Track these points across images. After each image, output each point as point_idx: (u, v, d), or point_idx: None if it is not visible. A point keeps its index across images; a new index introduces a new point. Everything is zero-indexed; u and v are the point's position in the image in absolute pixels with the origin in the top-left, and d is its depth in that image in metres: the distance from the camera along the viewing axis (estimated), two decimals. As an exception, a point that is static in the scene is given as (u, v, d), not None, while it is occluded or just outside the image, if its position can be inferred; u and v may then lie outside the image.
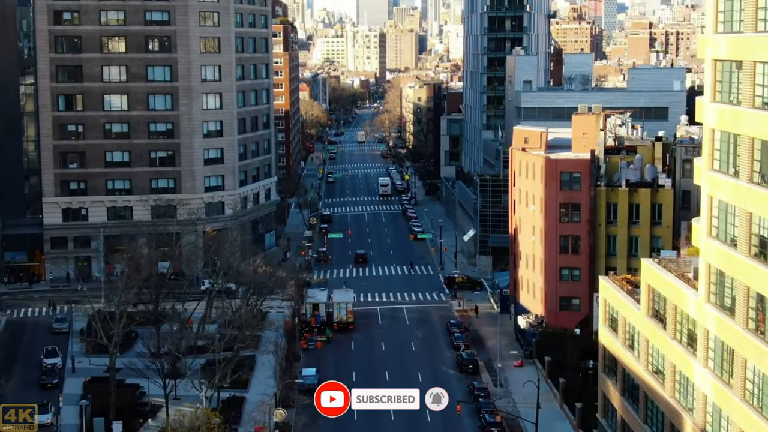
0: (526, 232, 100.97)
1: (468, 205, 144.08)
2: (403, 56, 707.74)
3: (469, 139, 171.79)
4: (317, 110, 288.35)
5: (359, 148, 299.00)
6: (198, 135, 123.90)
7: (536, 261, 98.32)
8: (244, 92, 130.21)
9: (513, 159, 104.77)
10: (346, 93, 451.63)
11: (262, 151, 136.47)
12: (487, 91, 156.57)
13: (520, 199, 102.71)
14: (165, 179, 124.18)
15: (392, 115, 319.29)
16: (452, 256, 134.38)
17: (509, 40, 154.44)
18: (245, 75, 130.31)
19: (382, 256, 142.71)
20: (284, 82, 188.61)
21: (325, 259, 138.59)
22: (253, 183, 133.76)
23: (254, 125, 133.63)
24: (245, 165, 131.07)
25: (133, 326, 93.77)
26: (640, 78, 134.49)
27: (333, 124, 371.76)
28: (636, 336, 62.21)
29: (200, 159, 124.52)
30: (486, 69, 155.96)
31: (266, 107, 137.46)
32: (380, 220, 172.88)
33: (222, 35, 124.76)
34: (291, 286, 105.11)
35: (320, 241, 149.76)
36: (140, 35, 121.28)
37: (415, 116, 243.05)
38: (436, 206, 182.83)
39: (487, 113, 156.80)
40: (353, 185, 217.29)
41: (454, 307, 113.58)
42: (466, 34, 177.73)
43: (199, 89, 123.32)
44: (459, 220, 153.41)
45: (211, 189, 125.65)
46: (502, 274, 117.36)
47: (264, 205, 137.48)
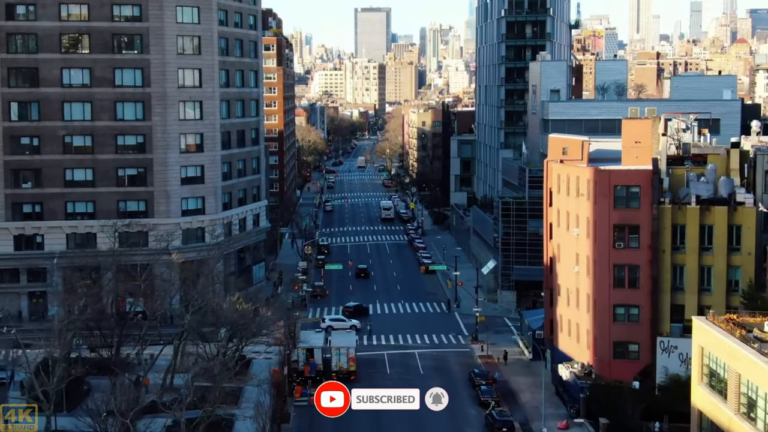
0: (566, 262, 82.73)
1: (486, 234, 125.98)
2: (402, 89, 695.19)
3: (483, 161, 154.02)
4: (314, 136, 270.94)
5: (359, 177, 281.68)
6: (174, 149, 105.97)
7: (581, 297, 80.00)
8: (228, 102, 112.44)
9: (549, 173, 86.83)
10: (345, 123, 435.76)
11: (250, 170, 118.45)
12: (505, 105, 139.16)
13: (558, 221, 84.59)
14: (135, 201, 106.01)
15: (393, 144, 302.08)
16: (471, 290, 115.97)
17: (529, 48, 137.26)
18: (230, 82, 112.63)
19: (388, 290, 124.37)
20: (278, 100, 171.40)
21: (322, 294, 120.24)
22: (240, 207, 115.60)
23: (241, 140, 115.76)
24: (230, 186, 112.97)
25: (90, 376, 76.95)
26: (685, 87, 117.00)
27: (331, 153, 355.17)
28: (763, 402, 43.76)
29: (176, 178, 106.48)
30: (504, 80, 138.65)
31: (255, 120, 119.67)
32: (384, 251, 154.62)
33: (203, 34, 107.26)
34: (280, 328, 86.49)
35: (317, 273, 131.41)
36: (107, 33, 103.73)
37: (419, 141, 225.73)
38: (445, 236, 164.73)
39: (505, 130, 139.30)
40: (353, 214, 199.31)
41: (476, 352, 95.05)
42: (478, 45, 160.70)
43: (176, 96, 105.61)
44: (474, 250, 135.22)
45: (189, 213, 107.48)
46: (532, 313, 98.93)
47: (252, 232, 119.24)
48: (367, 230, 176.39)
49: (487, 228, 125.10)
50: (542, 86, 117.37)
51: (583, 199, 78.64)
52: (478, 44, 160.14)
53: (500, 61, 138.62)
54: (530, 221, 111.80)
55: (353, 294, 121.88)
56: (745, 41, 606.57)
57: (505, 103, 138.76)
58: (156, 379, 78.06)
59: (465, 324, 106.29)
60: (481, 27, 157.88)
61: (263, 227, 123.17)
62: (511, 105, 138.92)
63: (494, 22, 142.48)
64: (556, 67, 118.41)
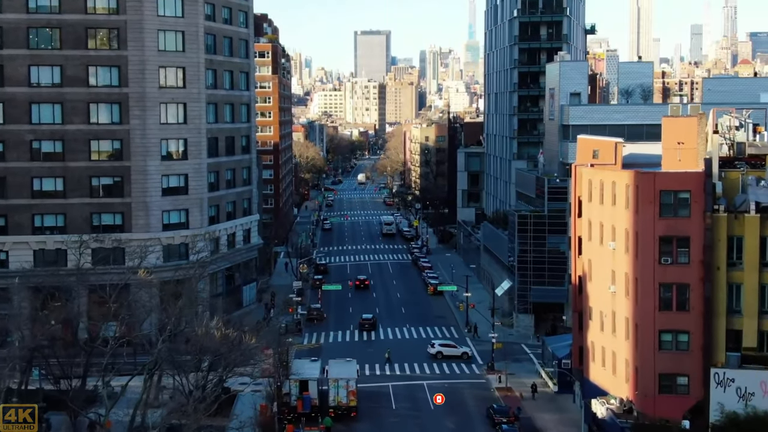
0: (600, 280, 71.67)
1: (499, 251, 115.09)
2: (402, 109, 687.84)
3: (493, 174, 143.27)
4: (313, 152, 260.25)
5: (359, 195, 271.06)
6: (154, 156, 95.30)
7: (619, 321, 68.88)
8: (216, 105, 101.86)
9: (578, 179, 75.96)
10: (345, 142, 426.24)
11: (240, 181, 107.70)
12: (518, 112, 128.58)
13: (590, 234, 73.58)
14: (110, 213, 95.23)
15: (394, 161, 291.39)
16: (486, 313, 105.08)
17: (544, 51, 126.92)
18: (218, 83, 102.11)
19: (391, 313, 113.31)
20: (273, 111, 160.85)
21: (319, 317, 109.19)
22: (228, 221, 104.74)
23: (230, 147, 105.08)
24: (217, 197, 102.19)
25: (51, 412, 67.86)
26: (719, 90, 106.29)
27: (331, 172, 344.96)
28: None
29: (157, 188, 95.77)
30: (516, 86, 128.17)
31: (246, 126, 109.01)
32: (386, 270, 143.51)
33: (187, 29, 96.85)
34: (269, 356, 75.32)
35: (313, 294, 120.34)
36: (79, 26, 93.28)
37: (422, 156, 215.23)
38: (452, 255, 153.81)
39: (518, 140, 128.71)
40: (353, 232, 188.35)
41: (493, 384, 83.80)
42: (486, 50, 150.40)
43: (157, 97, 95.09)
44: (486, 270, 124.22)
45: (170, 227, 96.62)
46: (556, 339, 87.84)
47: (242, 249, 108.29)
48: (367, 249, 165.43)
49: (501, 245, 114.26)
50: (561, 89, 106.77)
51: (621, 207, 67.67)
52: (487, 49, 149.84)
53: (512, 65, 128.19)
54: (550, 237, 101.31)
55: (354, 317, 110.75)
56: (749, 62, 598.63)
57: (518, 110, 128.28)
58: (124, 416, 66.97)
59: (479, 351, 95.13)
60: (490, 31, 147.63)
61: (254, 244, 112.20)
62: (524, 112, 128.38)
63: (506, 24, 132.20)
64: (577, 68, 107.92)
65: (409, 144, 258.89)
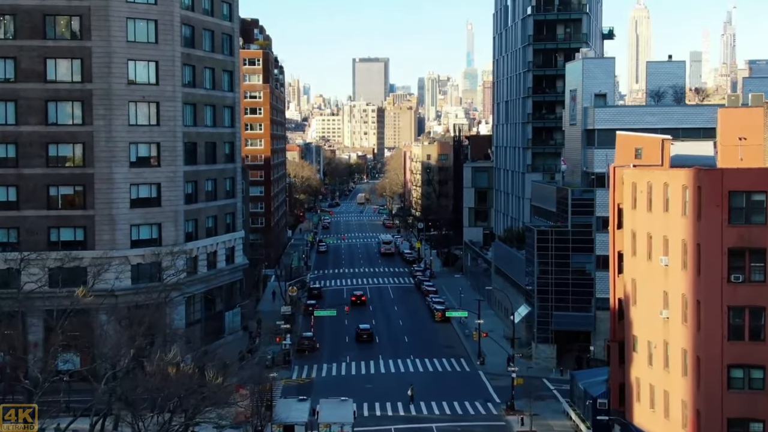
0: (648, 304, 59.25)
1: (514, 273, 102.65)
2: (401, 134, 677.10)
3: (504, 190, 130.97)
4: (308, 171, 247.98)
5: (357, 218, 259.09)
6: (121, 162, 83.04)
7: (673, 353, 56.42)
8: (194, 106, 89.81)
9: (618, 183, 63.82)
10: (343, 165, 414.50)
11: (223, 193, 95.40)
12: (532, 120, 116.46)
13: (633, 248, 61.24)
14: (70, 228, 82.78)
15: (394, 183, 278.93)
16: (501, 342, 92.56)
17: (561, 52, 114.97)
18: (197, 81, 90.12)
19: (394, 343, 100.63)
20: (264, 122, 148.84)
21: (311, 347, 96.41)
22: (208, 238, 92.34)
23: (210, 154, 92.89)
24: (195, 211, 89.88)
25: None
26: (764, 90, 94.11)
27: (328, 195, 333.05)
28: None
29: (124, 198, 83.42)
30: (530, 91, 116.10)
31: (229, 132, 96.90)
32: (387, 295, 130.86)
33: (160, 18, 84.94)
34: (245, 396, 62.57)
35: (306, 322, 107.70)
36: (36, 13, 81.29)
37: (425, 174, 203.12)
38: (457, 278, 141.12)
39: (532, 150, 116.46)
40: (350, 254, 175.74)
41: (514, 427, 70.95)
42: (495, 56, 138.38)
43: (125, 95, 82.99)
44: (497, 294, 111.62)
45: (140, 243, 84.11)
46: (587, 374, 75.23)
47: (224, 270, 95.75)
48: (366, 272, 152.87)
49: (516, 266, 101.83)
50: (584, 90, 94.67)
51: (676, 214, 55.35)
52: (496, 55, 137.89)
53: (526, 68, 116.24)
54: (574, 255, 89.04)
55: (351, 347, 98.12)
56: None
57: (533, 117, 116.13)
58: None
59: (494, 387, 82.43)
60: (499, 34, 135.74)
61: (239, 265, 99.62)
62: (539, 120, 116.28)
63: (518, 24, 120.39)
64: (602, 66, 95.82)
65: (410, 163, 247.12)
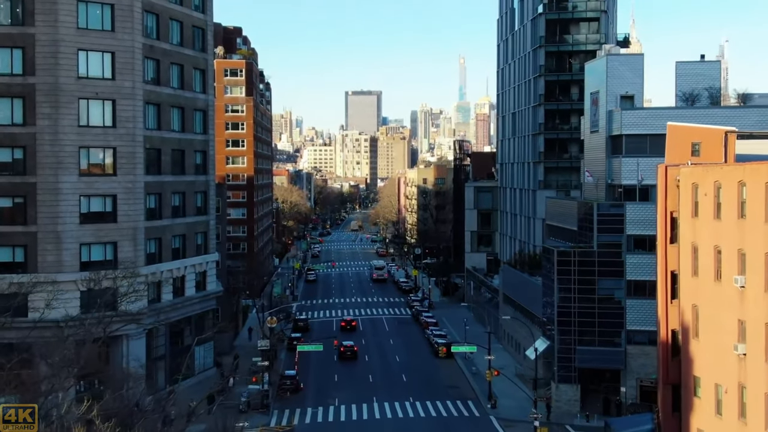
0: (715, 336, 46.58)
1: (528, 301, 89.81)
2: (395, 165, 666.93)
3: (510, 210, 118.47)
4: (297, 196, 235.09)
5: (349, 246, 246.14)
6: (69, 170, 70.49)
7: (753, 399, 43.68)
8: (159, 106, 77.45)
9: (671, 185, 51.34)
10: (334, 194, 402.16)
11: (193, 209, 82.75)
12: (544, 131, 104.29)
13: (694, 266, 48.68)
14: (8, 247, 70.09)
15: (387, 211, 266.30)
16: (514, 381, 79.53)
17: (577, 56, 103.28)
18: (162, 78, 77.80)
19: (390, 382, 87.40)
20: (247, 139, 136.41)
21: (295, 388, 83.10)
22: (175, 260, 79.59)
23: (178, 164, 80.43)
24: (159, 228, 77.20)
25: None
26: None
27: (319, 223, 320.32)
28: None
29: (73, 212, 70.79)
30: (542, 98, 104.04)
31: (201, 139, 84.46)
32: (381, 327, 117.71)
33: (118, 2, 72.75)
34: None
35: (289, 358, 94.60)
36: (-31, -7, 69.28)
37: (421, 198, 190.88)
38: (458, 309, 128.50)
39: (545, 164, 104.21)
40: (341, 283, 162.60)
41: (539, 489, 57.83)
42: (500, 64, 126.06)
43: (75, 91, 70.63)
44: (506, 326, 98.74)
45: (92, 266, 71.14)
46: (627, 422, 62.23)
47: (194, 298, 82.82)
48: (358, 302, 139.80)
49: (530, 294, 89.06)
50: (608, 91, 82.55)
51: (758, 221, 42.84)
52: (501, 63, 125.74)
53: (537, 73, 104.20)
54: (601, 280, 76.33)
55: (340, 387, 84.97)
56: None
57: (545, 128, 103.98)
58: None
59: (510, 436, 69.34)
60: (504, 41, 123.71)
61: (212, 292, 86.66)
62: (552, 131, 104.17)
63: (528, 26, 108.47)
64: (629, 63, 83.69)
65: (405, 188, 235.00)
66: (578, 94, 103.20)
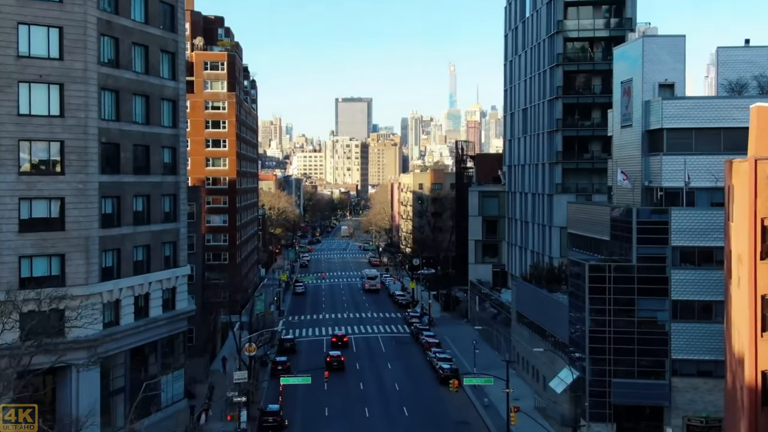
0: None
1: (549, 322, 77.84)
2: (386, 171, 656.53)
3: (520, 218, 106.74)
4: (285, 202, 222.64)
5: (340, 255, 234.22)
6: (6, 168, 58.44)
7: None
8: (118, 93, 65.39)
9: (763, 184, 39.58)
10: (325, 201, 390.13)
11: (159, 215, 70.57)
12: (562, 127, 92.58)
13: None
14: (-71, 261, 57.92)
15: (380, 218, 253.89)
16: (534, 416, 67.52)
17: (600, 43, 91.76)
18: (123, 60, 65.78)
19: (389, 417, 75.23)
20: (229, 139, 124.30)
21: (277, 426, 70.78)
22: (137, 276, 67.38)
23: (141, 162, 68.32)
24: (117, 238, 65.08)
25: None
26: None
27: (309, 231, 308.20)
28: None
29: (11, 219, 58.69)
30: (560, 91, 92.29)
31: (169, 134, 72.35)
32: (377, 348, 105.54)
33: (67, -33, 60.82)
34: None
35: (273, 389, 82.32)
36: None
37: (417, 204, 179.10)
38: (461, 327, 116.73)
39: (563, 165, 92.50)
40: (332, 297, 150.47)
41: None
42: (509, 56, 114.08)
43: (14, 73, 58.60)
44: (521, 350, 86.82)
45: (33, 282, 58.95)
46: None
47: (160, 319, 70.62)
48: (351, 318, 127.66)
49: (550, 312, 77.16)
50: (644, 78, 70.86)
51: None
52: (509, 55, 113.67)
53: (555, 62, 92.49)
54: (641, 300, 64.67)
55: (332, 424, 72.87)
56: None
57: (563, 124, 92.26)
58: None
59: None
60: (512, 30, 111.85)
61: (183, 311, 74.42)
62: (572, 128, 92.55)
63: (542, 10, 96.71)
64: (670, 46, 71.91)
65: (399, 194, 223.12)
66: (601, 86, 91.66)
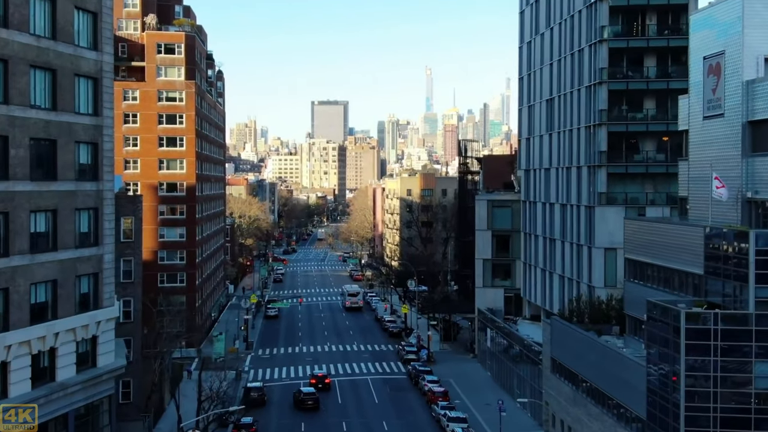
0: None
1: (602, 379, 57.80)
2: (364, 175, 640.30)
3: (544, 234, 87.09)
4: (256, 209, 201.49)
5: (318, 267, 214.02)
6: None
7: None
8: (6, 64, 45.04)
9: None
10: (300, 206, 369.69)
11: (71, 237, 50.05)
12: (607, 120, 72.93)
13: None
14: None
15: (361, 226, 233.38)
16: None
17: (654, 12, 72.43)
18: (13, 17, 45.52)
19: None
20: (187, 137, 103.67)
21: None
22: (35, 325, 46.88)
23: (45, 162, 47.92)
24: (3, 273, 44.53)
25: None
26: None
27: (283, 240, 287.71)
28: None
29: None
30: (603, 75, 72.61)
31: (89, 124, 51.82)
32: (368, 396, 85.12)
33: None
34: None
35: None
36: None
37: (405, 212, 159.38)
38: (466, 363, 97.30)
39: (608, 170, 72.84)
40: (310, 322, 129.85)
41: None
42: (526, 36, 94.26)
43: None
44: (556, 406, 66.89)
45: None
46: None
47: (73, 384, 50.09)
48: (333, 351, 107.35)
49: (606, 366, 57.28)
50: (745, 49, 51.65)
51: None
52: (527, 35, 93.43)
53: (598, 37, 72.81)
54: (760, 363, 45.14)
55: None
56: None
57: (608, 117, 72.63)
58: None
59: None
60: (533, 4, 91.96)
61: (108, 369, 53.87)
62: (620, 122, 73.00)
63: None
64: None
65: (383, 201, 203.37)
66: (656, 69, 72.24)
